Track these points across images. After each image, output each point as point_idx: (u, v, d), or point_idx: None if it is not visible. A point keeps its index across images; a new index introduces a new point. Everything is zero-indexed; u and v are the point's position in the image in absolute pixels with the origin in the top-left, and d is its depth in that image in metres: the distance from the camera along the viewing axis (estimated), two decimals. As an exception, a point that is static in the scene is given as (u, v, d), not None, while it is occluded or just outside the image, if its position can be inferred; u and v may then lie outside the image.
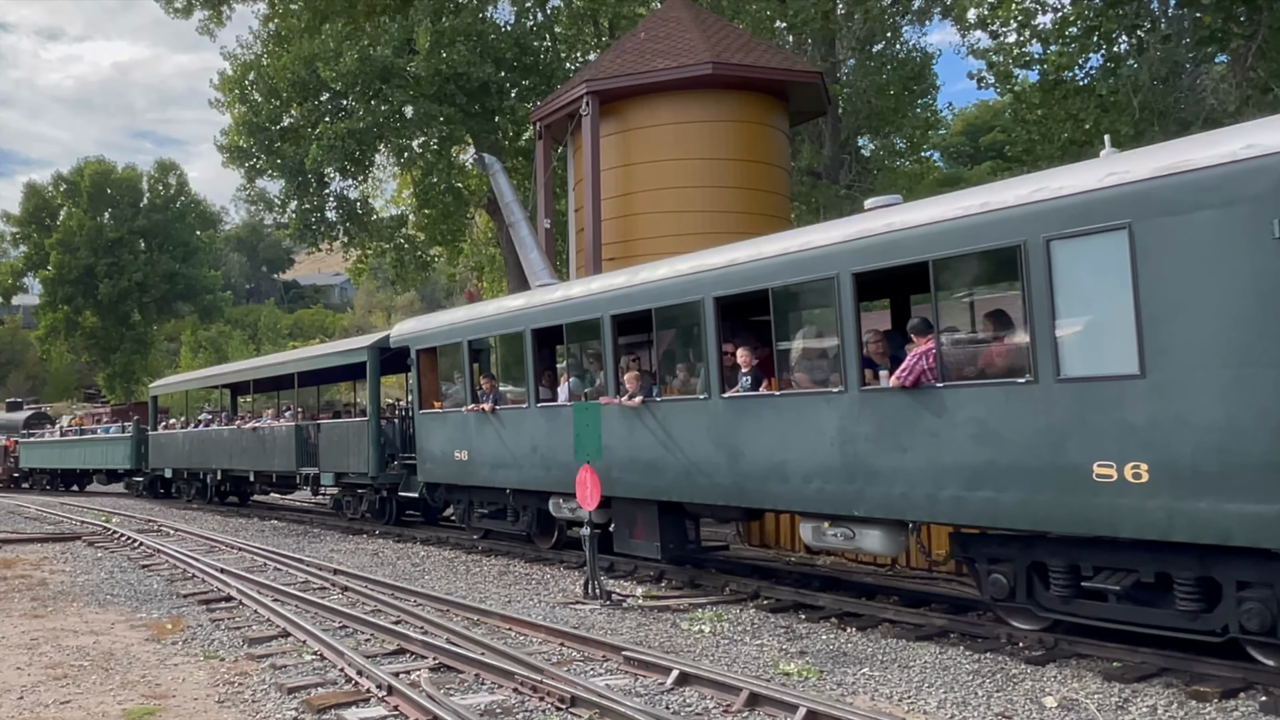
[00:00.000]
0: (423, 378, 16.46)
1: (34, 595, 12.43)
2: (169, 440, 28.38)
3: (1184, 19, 18.96)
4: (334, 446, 19.51)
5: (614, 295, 12.10)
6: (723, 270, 10.69)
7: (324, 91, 29.28)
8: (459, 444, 15.22)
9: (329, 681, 7.83)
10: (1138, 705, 6.82)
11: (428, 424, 16.22)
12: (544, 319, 13.43)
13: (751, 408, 10.30)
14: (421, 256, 33.39)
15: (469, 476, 15.13)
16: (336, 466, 19.44)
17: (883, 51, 30.25)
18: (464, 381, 15.12)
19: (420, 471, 16.45)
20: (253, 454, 22.90)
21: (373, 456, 18.17)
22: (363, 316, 77.54)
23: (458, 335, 15.34)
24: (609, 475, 11.83)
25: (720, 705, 6.89)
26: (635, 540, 12.17)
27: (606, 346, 12.20)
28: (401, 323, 18.07)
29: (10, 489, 37.95)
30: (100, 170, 62.51)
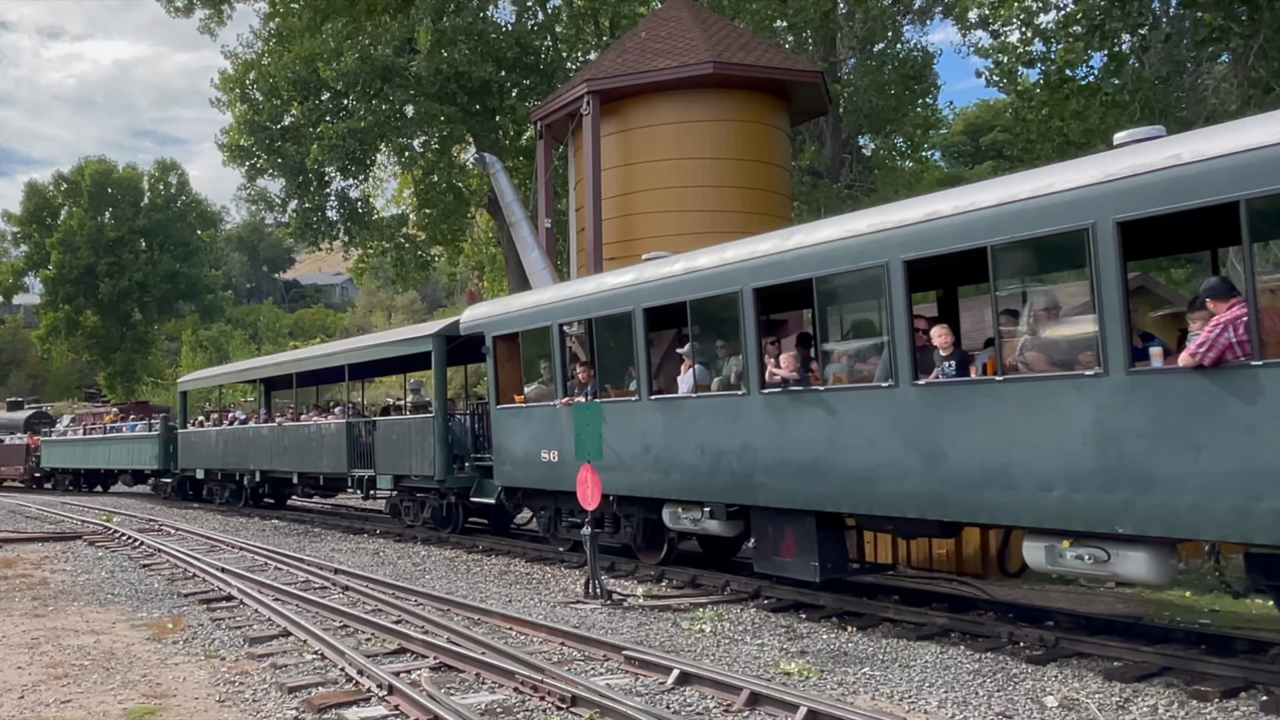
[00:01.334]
0: (501, 368, 14.60)
1: (35, 595, 12.44)
2: (201, 439, 26.48)
3: (1185, 18, 18.96)
4: (393, 447, 17.72)
5: (758, 264, 10.14)
6: (918, 227, 8.54)
7: (325, 91, 29.31)
8: (547, 443, 13.43)
9: (330, 681, 7.84)
10: (1138, 705, 6.82)
11: (507, 421, 14.38)
12: (660, 295, 11.47)
13: (959, 398, 8.32)
14: (422, 256, 33.43)
15: (559, 480, 13.16)
16: (395, 468, 17.71)
17: (883, 51, 30.26)
18: (554, 371, 13.32)
19: (498, 474, 14.75)
20: (297, 454, 21.17)
21: (439, 458, 16.33)
22: (364, 316, 77.50)
23: (545, 318, 13.47)
24: (750, 480, 10.19)
25: (721, 705, 6.89)
26: (782, 558, 10.28)
27: (747, 325, 10.23)
28: (473, 307, 16.10)
29: (32, 489, 36.71)
30: (101, 170, 62.54)
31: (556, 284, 14.44)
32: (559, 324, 13.21)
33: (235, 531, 19.42)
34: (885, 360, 8.92)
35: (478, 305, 16.12)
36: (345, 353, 20.73)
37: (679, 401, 11.37)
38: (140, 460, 30.03)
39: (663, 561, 12.68)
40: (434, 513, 17.57)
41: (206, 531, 19.10)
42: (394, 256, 32.96)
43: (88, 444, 33.91)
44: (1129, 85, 18.88)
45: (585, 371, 12.99)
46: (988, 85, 23.31)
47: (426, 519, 17.74)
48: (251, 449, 23.43)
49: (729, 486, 10.56)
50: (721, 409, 10.71)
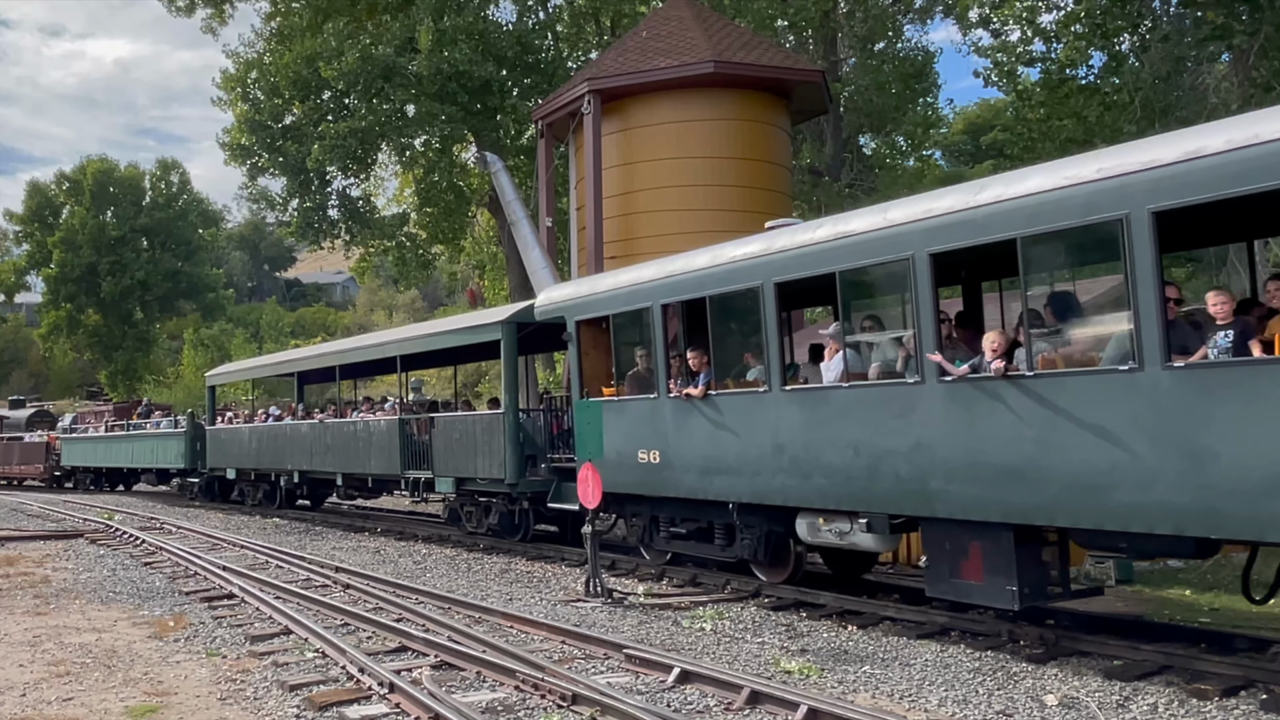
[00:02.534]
0: (586, 356, 12.91)
1: (36, 593, 12.46)
2: (232, 437, 24.64)
3: (1185, 17, 18.96)
4: (455, 446, 15.95)
5: (937, 224, 8.38)
6: (1173, 169, 6.85)
7: (326, 90, 29.35)
8: (644, 441, 11.71)
9: (331, 679, 7.85)
10: (1139, 703, 6.83)
11: (597, 416, 12.69)
12: (799, 267, 9.76)
13: (1241, 383, 6.61)
14: (423, 255, 33.46)
15: (659, 484, 11.60)
16: (457, 470, 15.92)
17: (884, 50, 30.27)
18: (655, 358, 11.58)
19: None
20: (341, 453, 19.38)
21: (510, 459, 14.46)
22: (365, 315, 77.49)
23: (645, 298, 11.75)
24: (924, 486, 8.52)
25: (721, 703, 6.90)
26: (965, 581, 8.46)
27: (920, 300, 8.50)
28: (551, 289, 14.52)
29: (52, 488, 35.48)
30: (103, 169, 62.58)
31: (656, 260, 12.20)
32: (661, 304, 11.45)
33: (236, 530, 19.45)
34: (1121, 338, 7.27)
35: (557, 287, 14.36)
36: (398, 343, 18.71)
37: (824, 393, 9.65)
38: (165, 459, 28.33)
39: (789, 580, 10.95)
40: (501, 519, 15.73)
41: (208, 530, 19.12)
42: (395, 255, 33.00)
43: (110, 442, 32.36)
44: (1129, 85, 18.89)
45: (697, 358, 11.15)
46: (987, 85, 23.33)
47: (492, 525, 15.93)
48: (289, 448, 21.66)
49: (893, 494, 8.85)
50: (884, 401, 8.94)
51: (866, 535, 9.33)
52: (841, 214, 10.08)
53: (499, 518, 15.76)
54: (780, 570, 11.07)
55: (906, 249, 8.61)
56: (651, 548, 12.77)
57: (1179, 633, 8.52)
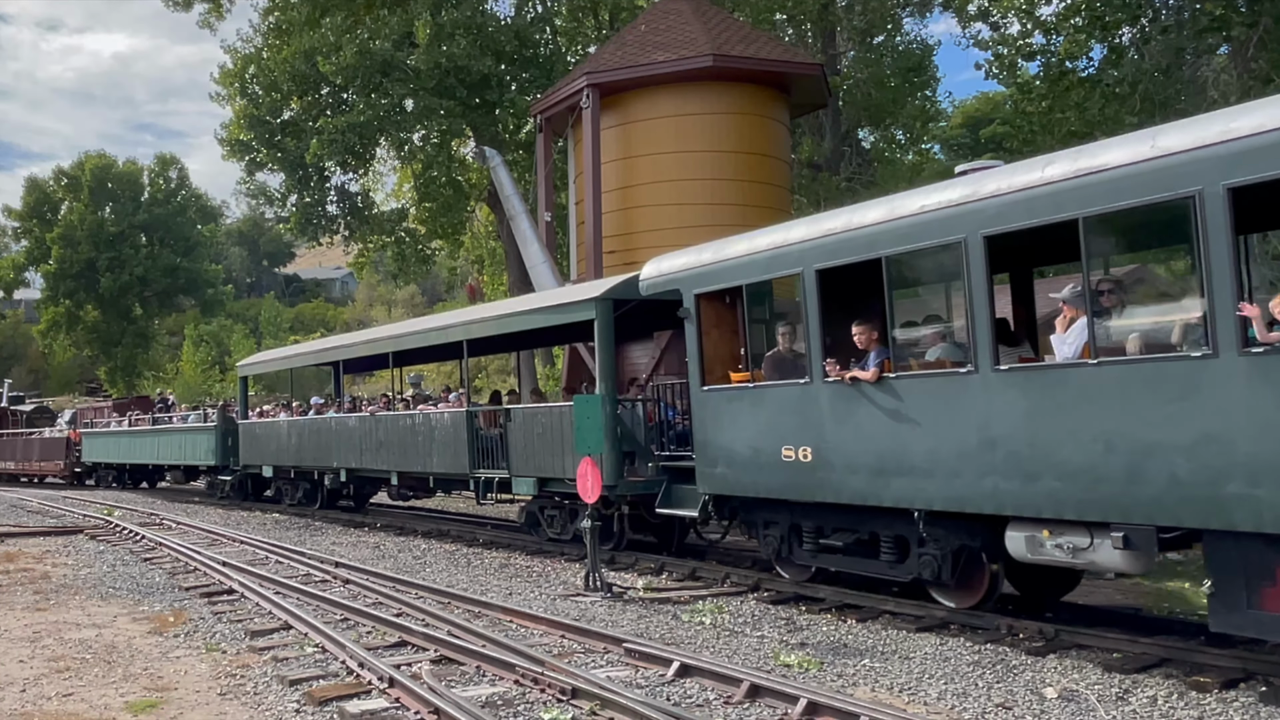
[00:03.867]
0: (706, 336, 11.11)
1: (36, 589, 12.46)
2: (268, 432, 22.87)
3: (1185, 8, 18.95)
4: (537, 442, 14.02)
5: (1232, 149, 6.61)
6: None
7: (324, 85, 29.32)
8: (790, 436, 9.89)
9: (330, 674, 7.85)
10: (1138, 696, 6.83)
11: (720, 407, 10.79)
12: (1023, 214, 7.82)
13: None
14: (422, 250, 33.45)
15: (811, 487, 9.75)
16: (540, 469, 13.99)
17: (883, 43, 30.23)
18: (809, 335, 9.72)
19: (702, 479, 11.13)
20: (397, 450, 17.51)
21: (609, 457, 12.51)
22: (364, 310, 77.48)
23: (792, 262, 9.86)
24: (1215, 491, 6.74)
25: (721, 696, 6.90)
26: (1272, 614, 6.60)
27: (1215, 246, 6.67)
28: (658, 259, 12.21)
29: (72, 484, 34.09)
30: (101, 165, 62.56)
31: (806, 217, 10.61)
32: (815, 269, 9.55)
33: (236, 525, 19.45)
34: None
35: (668, 256, 12.10)
36: (463, 325, 16.43)
37: (1060, 374, 7.79)
38: (194, 455, 26.41)
39: (979, 605, 9.07)
40: (604, 528, 13.20)
41: (207, 525, 19.12)
42: (394, 251, 33.00)
43: (134, 437, 30.32)
44: (1129, 77, 18.88)
45: (865, 333, 9.40)
46: (988, 78, 23.29)
47: (580, 530, 13.20)
48: (335, 444, 19.68)
49: (1167, 500, 7.02)
50: (1153, 381, 7.11)
51: (1117, 553, 7.38)
52: (1083, 146, 7.98)
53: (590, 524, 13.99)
54: (968, 593, 9.16)
55: (1187, 185, 6.78)
56: (790, 563, 10.84)
57: (1178, 626, 8.53)
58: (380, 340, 19.26)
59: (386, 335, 19.42)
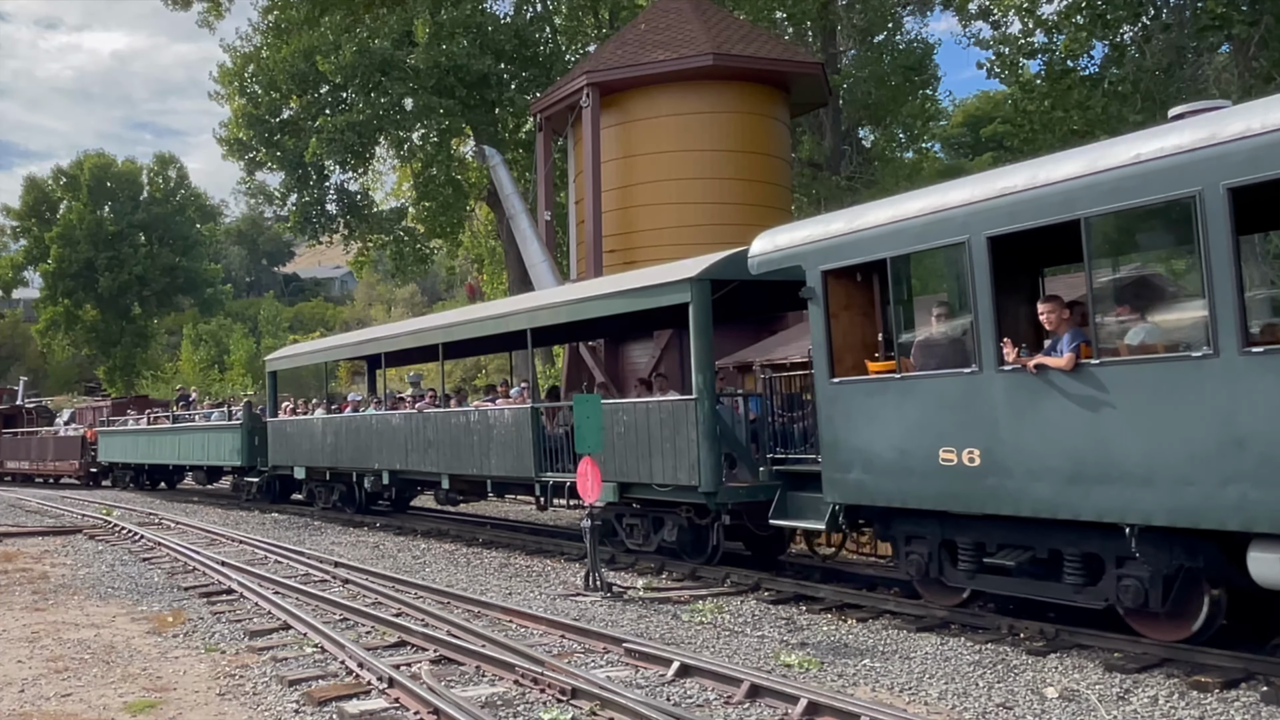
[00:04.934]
0: (835, 319, 9.65)
1: (35, 589, 12.44)
2: (301, 431, 21.23)
3: (1186, 7, 18.95)
4: (618, 442, 12.43)
5: None
6: None
7: (323, 84, 29.33)
8: (950, 435, 8.44)
9: (330, 674, 7.83)
10: (1139, 696, 6.82)
11: (856, 402, 9.36)
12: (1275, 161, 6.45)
13: None
14: (421, 249, 33.46)
15: (979, 496, 8.25)
16: (621, 473, 12.40)
17: (883, 42, 30.23)
18: (978, 315, 8.16)
19: (831, 486, 9.61)
20: (449, 450, 16.01)
21: (706, 460, 11.05)
22: (363, 309, 77.48)
23: (956, 228, 8.33)
24: None
25: (721, 696, 6.89)
26: None
27: None
28: (771, 233, 10.63)
29: (88, 485, 32.97)
30: (100, 164, 62.52)
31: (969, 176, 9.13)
32: (987, 236, 8.04)
33: (235, 525, 19.43)
34: None
35: (784, 229, 10.64)
36: (528, 312, 14.68)
37: None
38: (219, 455, 24.92)
39: (1193, 639, 7.62)
40: (682, 535, 12.24)
41: (206, 525, 19.10)
42: (393, 250, 33.01)
43: (153, 435, 28.62)
44: (1130, 76, 18.88)
45: (1055, 312, 7.95)
46: (989, 77, 23.31)
47: (666, 543, 12.48)
48: (377, 443, 18.12)
49: None
50: None
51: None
52: None
53: (679, 534, 12.24)
54: (1178, 624, 7.68)
55: None
56: (939, 584, 9.22)
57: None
58: (428, 331, 17.59)
59: (435, 325, 17.73)
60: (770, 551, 12.57)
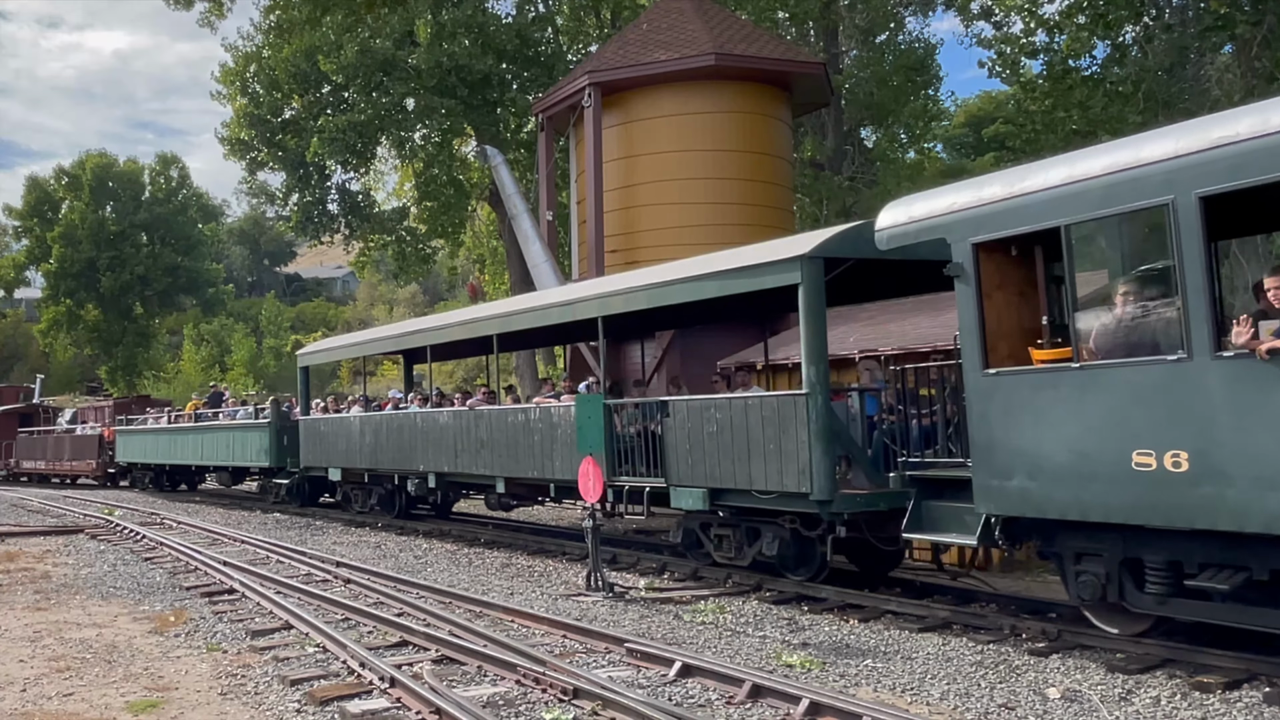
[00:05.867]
0: (990, 300, 8.33)
1: (37, 588, 12.45)
2: (336, 430, 19.88)
3: (1188, 7, 18.95)
4: (709, 443, 11.10)
5: None
6: None
7: (325, 84, 29.35)
8: (1148, 436, 7.16)
9: (332, 673, 7.83)
10: (1141, 696, 6.81)
11: (1019, 397, 7.99)
12: None
13: None
14: (423, 249, 33.47)
15: (1185, 508, 6.98)
16: (714, 478, 11.09)
17: (885, 42, 30.24)
18: (1185, 293, 6.92)
19: (984, 493, 8.23)
20: (505, 451, 14.71)
21: (819, 463, 9.79)
22: (365, 309, 77.53)
23: (1150, 190, 7.10)
24: None
25: (723, 697, 6.88)
26: None
27: None
28: (905, 201, 9.28)
29: (105, 486, 32.03)
30: (102, 163, 62.58)
31: (1173, 125, 7.53)
32: (1198, 195, 6.83)
33: (237, 525, 19.44)
34: None
35: (923, 196, 9.20)
36: (599, 299, 13.16)
37: None
38: (245, 455, 23.72)
39: None
40: (784, 548, 10.82)
41: (208, 525, 19.11)
42: (394, 250, 33.03)
43: (174, 435, 27.41)
44: (1132, 76, 18.88)
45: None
46: (991, 76, 23.32)
47: (765, 556, 11.05)
48: (422, 443, 16.94)
49: None
50: None
51: None
52: None
53: (781, 547, 10.85)
54: None
55: None
56: (1119, 609, 7.95)
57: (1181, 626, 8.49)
58: (480, 321, 16.00)
59: (490, 315, 16.06)
60: (882, 567, 11.18)
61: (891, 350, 13.57)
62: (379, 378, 39.92)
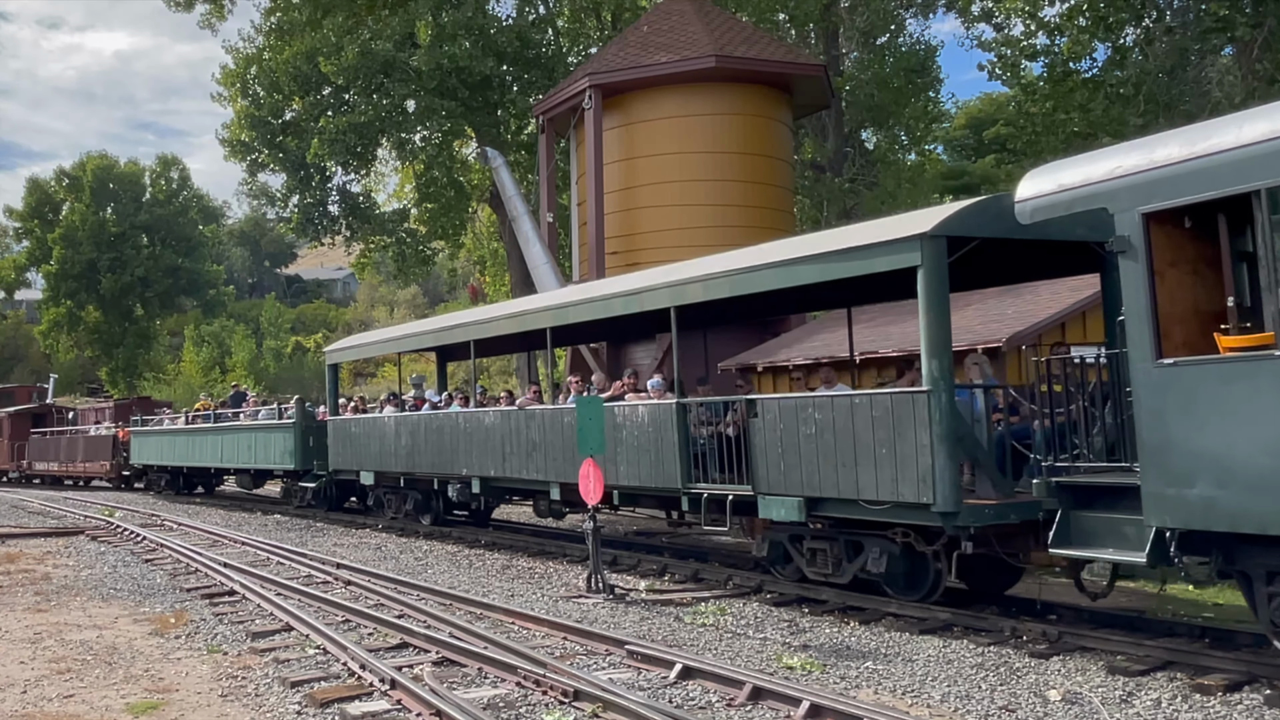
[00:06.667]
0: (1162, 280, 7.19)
1: (37, 590, 12.45)
2: (369, 431, 18.71)
3: (1189, 9, 18.97)
4: (807, 445, 9.87)
5: None
6: None
7: (326, 85, 29.34)
8: None
9: (332, 675, 7.84)
10: (1142, 698, 6.81)
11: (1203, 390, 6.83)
12: None
13: None
14: (423, 251, 33.47)
15: None
16: (811, 485, 9.83)
17: (886, 44, 30.24)
18: None
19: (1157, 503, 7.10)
20: (559, 455, 13.51)
21: (944, 470, 8.62)
22: (365, 311, 77.54)
23: None
24: None
25: (724, 699, 6.88)
26: None
27: None
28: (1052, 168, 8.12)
29: (120, 488, 31.16)
30: (103, 165, 62.62)
31: None
32: None
33: (237, 527, 19.45)
34: None
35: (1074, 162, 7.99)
36: (672, 287, 11.77)
37: None
38: (267, 458, 22.64)
39: None
40: (893, 564, 9.69)
41: (208, 527, 19.11)
42: (395, 251, 33.02)
43: (192, 436, 26.27)
44: (1133, 78, 18.89)
45: None
46: (991, 78, 23.33)
47: (870, 573, 9.87)
48: (466, 445, 15.73)
49: None
50: None
51: None
52: None
53: (889, 563, 9.70)
54: None
55: None
56: None
57: (1182, 628, 8.50)
58: (532, 313, 14.69)
59: (542, 306, 14.78)
60: (997, 585, 10.01)
61: (892, 351, 13.58)
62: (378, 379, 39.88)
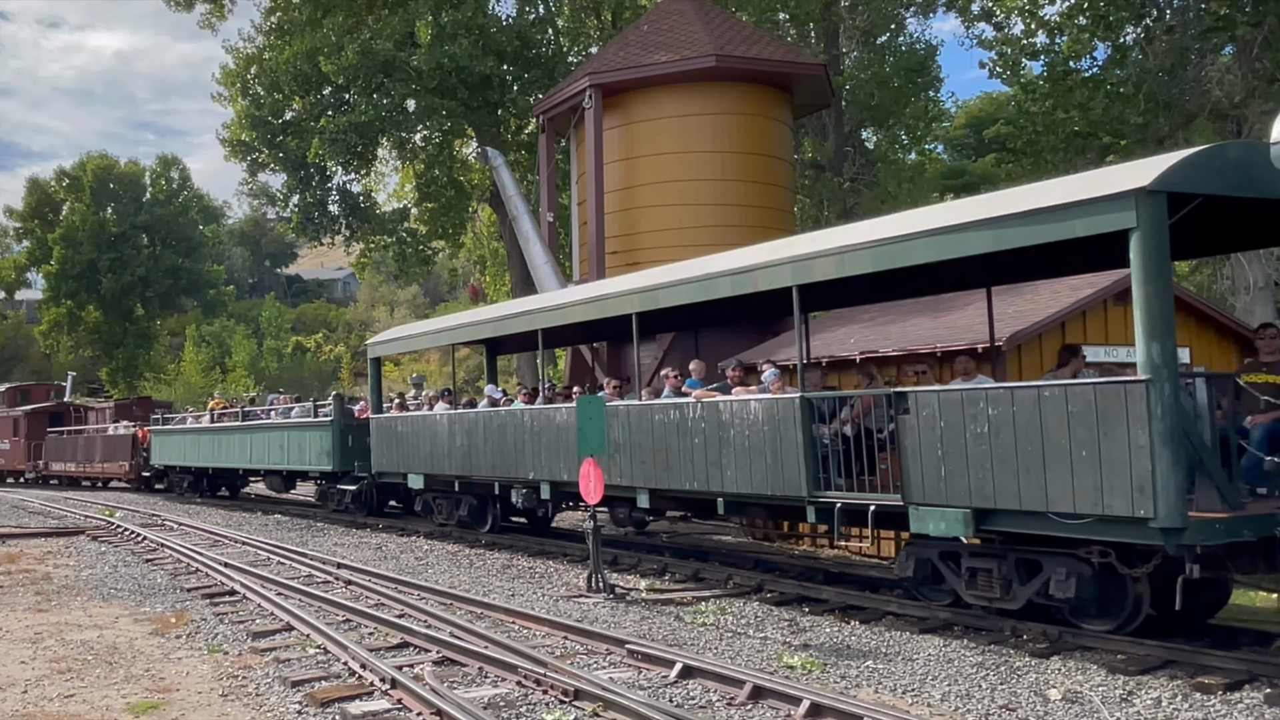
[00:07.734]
0: None
1: (38, 589, 12.45)
2: (418, 430, 17.11)
3: (1189, 8, 18.96)
4: (977, 445, 8.20)
5: None
6: None
7: (326, 85, 29.36)
8: None
9: (333, 675, 7.84)
10: (1142, 697, 6.81)
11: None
12: None
13: None
14: (423, 250, 33.48)
15: None
16: (983, 495, 8.17)
17: (886, 43, 30.24)
18: None
19: None
20: (649, 457, 11.92)
21: (1167, 477, 7.03)
22: (366, 310, 77.56)
23: None
24: None
25: (724, 698, 6.89)
26: None
27: None
28: None
29: (140, 490, 30.10)
30: (103, 165, 62.61)
31: None
32: None
33: (238, 526, 19.45)
34: None
35: None
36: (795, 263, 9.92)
37: None
38: (303, 458, 21.22)
39: None
40: (1084, 587, 8.26)
41: (209, 526, 19.12)
42: (395, 251, 33.04)
43: (218, 435, 24.73)
44: (1133, 77, 18.89)
45: None
46: (991, 77, 23.35)
47: (1054, 600, 8.46)
48: (533, 446, 14.12)
49: None
50: None
51: None
52: None
53: (1079, 586, 8.24)
54: None
55: None
56: None
57: (1182, 628, 8.49)
58: (613, 297, 12.76)
59: (626, 289, 12.66)
60: (1200, 613, 8.50)
61: (892, 351, 13.58)
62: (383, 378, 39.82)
